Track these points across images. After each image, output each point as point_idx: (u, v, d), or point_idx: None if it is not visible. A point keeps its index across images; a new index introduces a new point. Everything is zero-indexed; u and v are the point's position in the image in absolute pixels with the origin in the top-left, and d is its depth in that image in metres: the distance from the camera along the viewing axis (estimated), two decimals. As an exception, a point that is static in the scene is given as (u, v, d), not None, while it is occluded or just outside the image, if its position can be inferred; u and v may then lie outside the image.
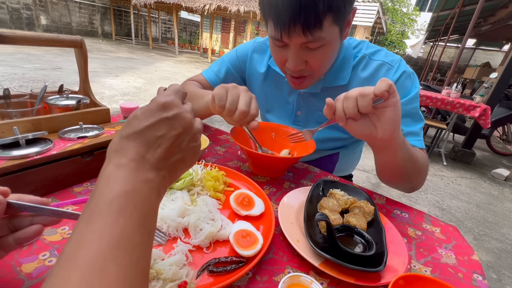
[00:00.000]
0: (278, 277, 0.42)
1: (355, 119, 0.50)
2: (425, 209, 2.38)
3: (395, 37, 18.57)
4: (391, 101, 0.46)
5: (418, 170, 0.63)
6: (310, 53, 0.60)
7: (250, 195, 0.56)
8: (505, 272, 1.75)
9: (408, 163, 0.59)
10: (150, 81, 5.36)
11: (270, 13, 0.57)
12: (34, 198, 0.32)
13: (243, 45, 0.92)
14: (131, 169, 0.26)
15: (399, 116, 0.49)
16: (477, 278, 0.49)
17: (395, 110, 0.47)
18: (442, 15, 8.27)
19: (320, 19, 0.53)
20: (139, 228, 0.24)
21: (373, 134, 0.50)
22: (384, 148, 0.55)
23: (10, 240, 0.31)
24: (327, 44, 0.59)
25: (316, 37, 0.56)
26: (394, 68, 0.71)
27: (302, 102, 0.83)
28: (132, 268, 0.22)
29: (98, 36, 11.96)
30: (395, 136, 0.51)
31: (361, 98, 0.47)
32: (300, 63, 0.62)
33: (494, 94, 3.42)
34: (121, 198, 0.24)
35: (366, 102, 0.46)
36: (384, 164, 0.62)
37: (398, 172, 0.61)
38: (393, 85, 0.45)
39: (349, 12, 0.59)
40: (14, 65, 4.77)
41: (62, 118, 0.62)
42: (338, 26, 0.58)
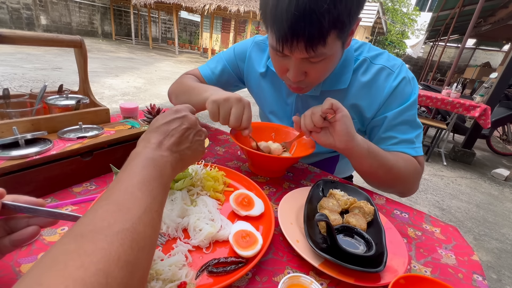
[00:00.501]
0: (277, 278, 0.42)
1: (316, 132, 0.60)
2: (425, 209, 2.38)
3: (395, 37, 18.57)
4: (338, 116, 0.56)
5: (395, 177, 0.67)
6: (311, 66, 0.59)
7: (250, 195, 0.55)
8: (505, 272, 1.75)
9: (379, 170, 0.64)
10: (150, 81, 5.36)
11: (272, 25, 0.54)
12: (30, 199, 0.32)
13: (241, 43, 0.90)
14: (153, 148, 0.37)
15: (348, 128, 0.56)
16: (477, 279, 0.49)
17: (342, 123, 0.56)
18: (442, 15, 8.27)
19: (324, 35, 0.51)
20: (155, 179, 0.33)
21: (333, 143, 0.59)
22: (348, 156, 0.63)
23: (6, 242, 0.31)
24: (329, 58, 0.58)
25: (319, 53, 0.54)
26: (394, 73, 0.70)
27: (301, 104, 0.82)
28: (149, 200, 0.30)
29: (98, 36, 11.96)
30: (350, 146, 0.58)
31: (312, 115, 0.58)
32: (300, 75, 0.61)
33: (494, 94, 3.43)
34: (145, 161, 0.34)
35: (317, 118, 0.57)
36: (356, 169, 0.70)
37: (372, 178, 0.69)
38: (336, 103, 0.55)
39: (354, 25, 0.57)
40: (14, 65, 4.77)
41: (62, 118, 0.62)
42: (341, 41, 0.57)
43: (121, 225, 0.26)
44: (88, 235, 0.24)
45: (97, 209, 0.27)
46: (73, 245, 0.23)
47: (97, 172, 0.60)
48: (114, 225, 0.25)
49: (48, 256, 0.22)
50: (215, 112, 0.62)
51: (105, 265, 0.22)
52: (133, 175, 0.32)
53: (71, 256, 0.22)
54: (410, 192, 0.73)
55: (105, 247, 0.23)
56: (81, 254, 0.22)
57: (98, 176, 0.60)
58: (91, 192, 0.54)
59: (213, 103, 0.62)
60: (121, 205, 0.28)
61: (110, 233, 0.24)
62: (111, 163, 0.58)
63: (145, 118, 0.86)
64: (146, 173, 0.33)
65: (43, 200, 0.33)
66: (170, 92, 0.94)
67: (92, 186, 0.57)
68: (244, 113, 0.62)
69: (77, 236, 0.24)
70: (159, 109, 0.86)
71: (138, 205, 0.29)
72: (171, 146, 0.39)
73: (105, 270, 0.21)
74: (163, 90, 4.83)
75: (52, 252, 0.23)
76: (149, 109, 0.85)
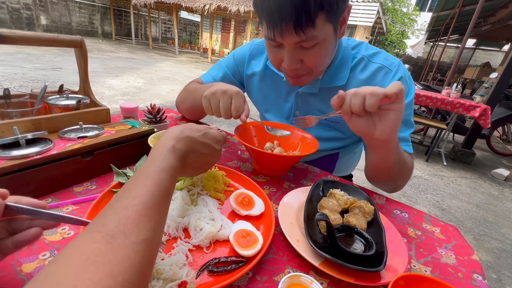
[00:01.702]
0: (278, 277, 0.42)
1: (358, 115, 0.51)
2: (425, 209, 2.38)
3: (395, 37, 18.56)
4: (396, 105, 0.48)
5: (404, 173, 0.68)
6: (305, 52, 0.60)
7: (250, 195, 0.56)
8: (505, 272, 1.75)
9: (397, 166, 0.62)
10: (150, 81, 5.36)
11: (262, 13, 0.57)
12: (32, 201, 0.32)
13: (240, 48, 0.93)
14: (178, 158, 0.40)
15: (399, 121, 0.50)
16: (477, 278, 0.49)
17: (397, 114, 0.49)
18: (442, 15, 8.27)
19: (312, 17, 0.53)
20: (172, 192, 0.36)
21: (371, 132, 0.51)
22: (378, 148, 0.58)
23: (9, 243, 0.31)
24: (322, 42, 0.59)
25: (309, 36, 0.55)
26: (392, 72, 0.71)
27: (301, 102, 0.83)
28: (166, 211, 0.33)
29: (98, 36, 11.96)
30: (391, 139, 0.53)
31: (370, 97, 0.47)
32: (295, 62, 0.62)
33: (494, 94, 3.43)
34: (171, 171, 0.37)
35: (374, 101, 0.47)
36: (375, 164, 0.64)
37: (386, 173, 0.65)
38: (403, 91, 0.47)
39: (343, 10, 0.58)
40: (14, 65, 4.77)
41: (62, 118, 0.62)
42: (332, 24, 0.57)
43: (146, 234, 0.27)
44: (118, 237, 0.25)
45: (127, 207, 0.28)
46: (104, 246, 0.24)
47: (98, 172, 0.60)
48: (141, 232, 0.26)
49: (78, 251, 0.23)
50: (208, 107, 0.66)
51: (130, 276, 0.23)
52: (162, 184, 0.33)
53: (102, 260, 0.23)
54: (401, 188, 0.75)
55: (131, 256, 0.24)
56: (112, 260, 0.23)
57: (99, 176, 0.60)
58: (91, 192, 0.54)
59: (204, 99, 0.66)
60: (147, 210, 0.29)
61: (137, 240, 0.26)
62: (111, 163, 0.58)
63: (145, 118, 0.86)
64: (170, 184, 0.35)
65: (45, 202, 0.33)
66: (177, 101, 0.98)
67: (92, 186, 0.57)
68: (232, 103, 0.64)
69: (108, 236, 0.25)
70: (159, 109, 0.86)
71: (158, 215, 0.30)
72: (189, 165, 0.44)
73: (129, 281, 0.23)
74: (163, 90, 4.84)
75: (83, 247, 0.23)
76: (149, 109, 0.85)
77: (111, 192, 0.52)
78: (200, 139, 0.45)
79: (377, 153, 0.60)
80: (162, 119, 0.87)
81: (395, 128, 0.51)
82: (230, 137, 0.95)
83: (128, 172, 0.56)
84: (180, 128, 0.44)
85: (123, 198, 0.30)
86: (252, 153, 0.71)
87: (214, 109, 0.65)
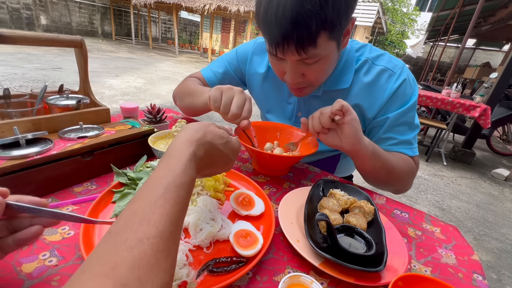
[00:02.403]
0: (278, 277, 0.42)
1: (324, 133, 0.61)
2: (425, 209, 2.38)
3: (395, 37, 18.56)
4: (347, 118, 0.56)
5: (395, 176, 0.69)
6: (307, 67, 0.60)
7: (250, 195, 0.56)
8: (505, 272, 1.75)
9: (381, 170, 0.66)
10: (150, 81, 5.36)
11: (264, 30, 0.56)
12: (33, 199, 0.32)
13: (243, 45, 0.92)
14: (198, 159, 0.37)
15: (356, 131, 0.57)
16: (477, 278, 0.49)
17: (351, 126, 0.56)
18: (442, 15, 8.27)
19: (314, 37, 0.52)
20: None
21: (339, 145, 0.60)
22: (353, 157, 0.65)
23: (10, 241, 0.31)
24: (324, 58, 0.58)
25: (311, 55, 0.55)
26: (396, 74, 0.71)
27: (303, 104, 0.83)
28: None
29: (98, 36, 11.96)
30: (357, 148, 0.59)
31: (321, 116, 0.58)
32: (297, 77, 0.62)
33: (494, 94, 3.43)
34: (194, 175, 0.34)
35: (325, 119, 0.57)
36: (358, 169, 0.72)
37: (373, 177, 0.70)
38: (346, 105, 0.55)
39: (346, 26, 0.57)
40: (14, 65, 4.77)
41: (62, 118, 0.62)
42: (335, 41, 0.57)
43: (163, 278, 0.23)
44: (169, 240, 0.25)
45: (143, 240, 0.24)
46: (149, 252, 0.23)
47: (98, 172, 0.60)
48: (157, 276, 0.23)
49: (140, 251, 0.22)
50: (217, 98, 0.61)
51: None
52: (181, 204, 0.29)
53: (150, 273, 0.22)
54: (404, 190, 0.77)
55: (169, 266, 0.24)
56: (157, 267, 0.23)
57: (99, 176, 0.60)
58: (91, 192, 0.54)
59: (217, 89, 0.62)
60: (166, 243, 0.25)
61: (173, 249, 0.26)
62: (111, 163, 0.58)
63: (145, 118, 0.86)
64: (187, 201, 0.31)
65: (46, 200, 0.33)
66: (174, 95, 0.96)
67: (92, 186, 0.57)
68: (245, 104, 0.62)
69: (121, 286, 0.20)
70: (159, 109, 0.86)
71: (175, 246, 0.27)
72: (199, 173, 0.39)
73: None
74: (163, 90, 4.83)
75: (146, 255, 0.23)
76: (149, 109, 0.85)
77: (111, 192, 0.52)
78: (221, 147, 0.40)
79: (355, 161, 0.67)
80: (162, 119, 0.87)
81: (355, 139, 0.57)
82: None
83: (128, 172, 0.56)
84: (202, 130, 0.39)
85: (136, 224, 0.24)
86: (252, 153, 0.71)
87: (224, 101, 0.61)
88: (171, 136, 0.74)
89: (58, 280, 0.36)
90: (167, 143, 0.72)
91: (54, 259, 0.39)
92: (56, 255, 0.40)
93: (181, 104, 0.92)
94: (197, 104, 0.77)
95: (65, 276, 0.36)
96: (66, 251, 0.41)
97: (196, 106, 0.78)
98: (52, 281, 0.36)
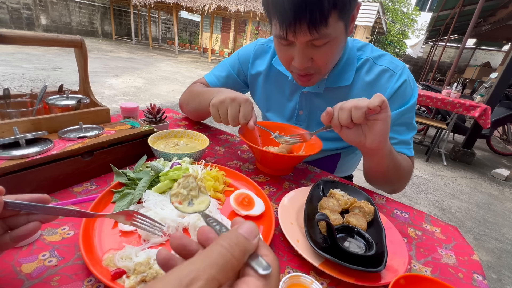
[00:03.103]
0: (278, 277, 0.42)
1: (348, 127, 0.54)
2: (425, 209, 2.38)
3: (395, 37, 18.56)
4: (382, 115, 0.51)
5: (400, 176, 0.69)
6: (316, 50, 0.60)
7: (250, 195, 0.56)
8: (505, 272, 1.75)
9: (392, 170, 0.64)
10: (150, 81, 5.36)
11: (274, 12, 0.56)
12: (33, 196, 0.32)
13: (244, 48, 0.93)
14: None
15: (387, 130, 0.53)
16: (477, 278, 0.49)
17: (384, 123, 0.52)
18: (442, 15, 8.27)
19: (326, 16, 0.53)
20: None
21: (362, 142, 0.55)
22: (371, 155, 0.61)
23: (7, 238, 0.31)
24: (333, 40, 0.59)
25: (322, 34, 0.55)
26: (397, 75, 0.72)
27: (305, 102, 0.83)
28: None
29: (98, 36, 11.96)
30: (381, 147, 0.56)
31: (355, 110, 0.51)
32: (306, 61, 0.62)
33: (494, 94, 3.42)
34: None
35: (359, 114, 0.50)
36: (370, 168, 0.68)
37: (382, 176, 0.68)
38: (386, 102, 0.50)
39: (354, 7, 0.59)
40: (14, 65, 4.77)
41: (62, 118, 0.62)
42: (343, 22, 0.58)
43: None
44: None
45: None
46: None
47: (98, 172, 0.60)
48: None
49: None
50: (216, 115, 0.67)
51: None
52: None
53: None
54: (400, 189, 0.77)
55: None
56: None
57: (99, 176, 0.60)
58: (91, 192, 0.54)
59: (212, 107, 0.67)
60: None
61: None
62: (111, 163, 0.58)
63: (145, 118, 0.86)
64: None
65: (47, 196, 0.33)
66: (181, 102, 0.98)
67: (92, 186, 0.57)
68: (240, 111, 0.64)
69: None
70: (159, 109, 0.86)
71: None
72: None
73: None
74: (163, 90, 4.83)
75: None
76: (149, 109, 0.85)
77: (111, 192, 0.52)
78: None
79: (371, 160, 0.63)
80: (162, 119, 0.87)
81: (384, 137, 0.53)
82: (230, 137, 0.95)
83: (128, 172, 0.56)
84: None
85: None
86: (256, 153, 0.71)
87: (222, 117, 0.66)
88: (171, 137, 0.74)
89: (57, 280, 0.36)
90: (167, 143, 0.72)
91: (54, 259, 0.39)
92: (56, 255, 0.40)
93: (188, 109, 0.94)
94: (204, 107, 0.79)
95: (64, 277, 0.36)
96: (66, 251, 0.40)
97: (203, 108, 0.80)
98: (52, 281, 0.36)
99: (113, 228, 0.45)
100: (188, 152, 0.64)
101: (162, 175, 0.54)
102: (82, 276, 0.37)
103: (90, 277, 0.37)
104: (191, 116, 0.99)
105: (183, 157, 0.62)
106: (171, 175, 0.53)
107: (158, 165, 0.56)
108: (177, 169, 0.55)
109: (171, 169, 0.55)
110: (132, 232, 0.45)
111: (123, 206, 0.48)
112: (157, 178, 0.55)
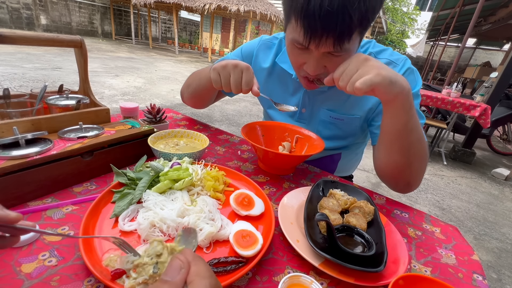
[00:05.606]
0: (278, 277, 0.42)
1: None
2: (425, 208, 2.38)
3: (395, 36, 18.55)
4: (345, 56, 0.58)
5: (420, 153, 0.62)
6: (331, 59, 0.60)
7: (250, 195, 0.56)
8: (505, 272, 1.75)
9: (413, 135, 0.59)
10: (150, 81, 5.35)
11: (301, 19, 0.54)
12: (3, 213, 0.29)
13: (248, 43, 0.93)
14: None
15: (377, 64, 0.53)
16: (477, 278, 0.49)
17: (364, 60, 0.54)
18: (442, 15, 8.26)
19: (352, 32, 0.53)
20: None
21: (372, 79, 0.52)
22: (387, 104, 0.57)
23: None
24: (349, 53, 0.59)
25: (344, 48, 0.56)
26: (399, 66, 0.73)
27: (308, 100, 0.83)
28: None
29: (98, 36, 11.95)
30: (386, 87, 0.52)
31: None
32: (320, 68, 0.62)
33: (495, 93, 3.42)
34: None
35: None
36: (387, 131, 0.62)
37: (398, 145, 0.61)
38: None
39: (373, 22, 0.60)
40: (14, 65, 4.77)
41: (62, 118, 0.62)
42: (360, 37, 0.59)
43: None
44: None
45: None
46: None
47: (98, 172, 0.60)
48: None
49: None
50: (217, 79, 0.65)
51: None
52: None
53: None
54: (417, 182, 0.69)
55: None
56: None
57: (99, 176, 0.60)
58: (91, 192, 0.54)
59: (213, 71, 0.66)
60: None
61: None
62: (111, 163, 0.58)
63: (145, 118, 0.86)
64: None
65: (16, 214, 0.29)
66: (182, 89, 0.99)
67: (92, 186, 0.57)
68: (242, 77, 0.63)
69: None
70: (159, 109, 0.86)
71: None
72: None
73: None
74: (163, 90, 4.83)
75: None
76: (149, 109, 0.85)
77: (111, 192, 0.52)
78: None
79: (390, 114, 0.59)
80: (162, 119, 0.87)
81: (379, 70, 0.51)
82: (230, 137, 0.95)
83: (128, 172, 0.56)
84: None
85: None
86: (259, 152, 0.72)
87: (223, 81, 0.64)
88: (171, 137, 0.74)
89: (57, 280, 0.36)
90: (166, 143, 0.72)
91: (53, 259, 0.39)
92: (56, 255, 0.40)
93: (189, 92, 0.93)
94: (203, 82, 0.79)
95: (64, 277, 0.36)
96: (66, 251, 0.40)
97: (204, 83, 0.80)
98: (52, 281, 0.36)
99: (113, 228, 0.45)
100: (188, 152, 0.64)
101: (162, 175, 0.54)
102: (82, 276, 0.37)
103: (90, 277, 0.37)
104: (192, 101, 0.96)
105: (183, 157, 0.62)
106: (171, 175, 0.53)
107: (158, 165, 0.56)
108: (177, 169, 0.55)
109: (171, 169, 0.55)
110: (132, 232, 0.45)
111: (123, 206, 0.48)
112: (157, 178, 0.55)
